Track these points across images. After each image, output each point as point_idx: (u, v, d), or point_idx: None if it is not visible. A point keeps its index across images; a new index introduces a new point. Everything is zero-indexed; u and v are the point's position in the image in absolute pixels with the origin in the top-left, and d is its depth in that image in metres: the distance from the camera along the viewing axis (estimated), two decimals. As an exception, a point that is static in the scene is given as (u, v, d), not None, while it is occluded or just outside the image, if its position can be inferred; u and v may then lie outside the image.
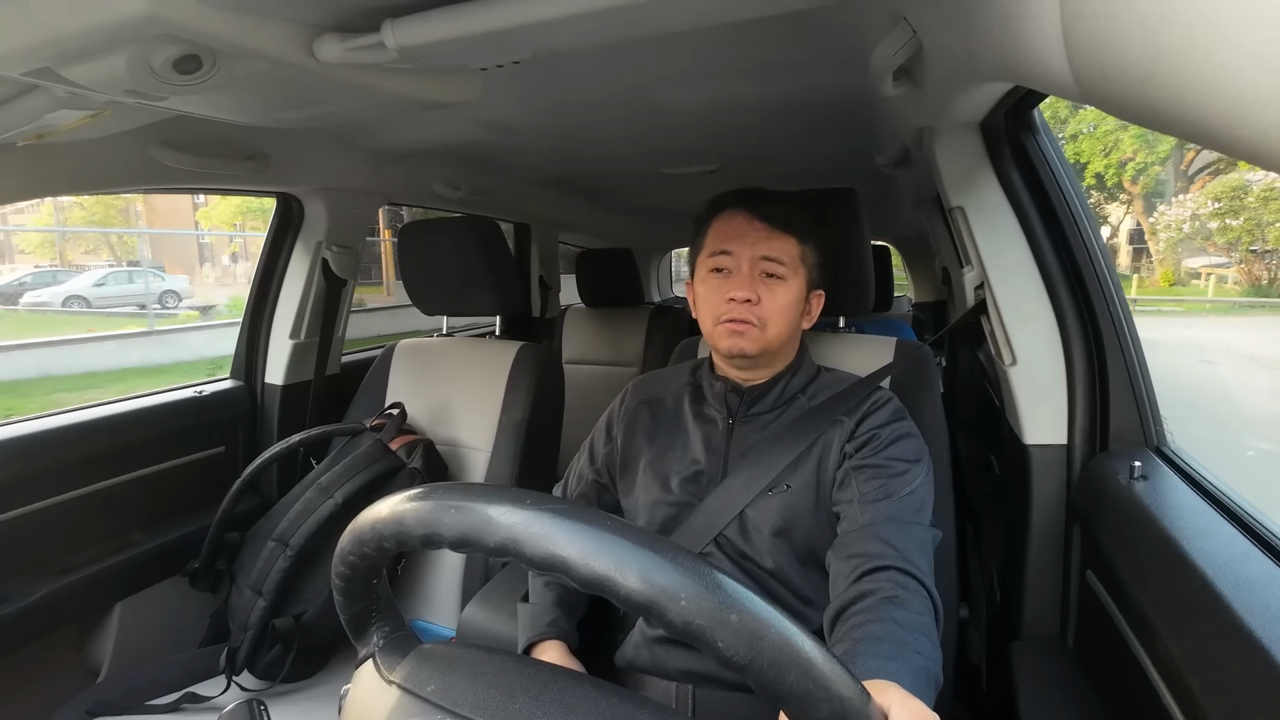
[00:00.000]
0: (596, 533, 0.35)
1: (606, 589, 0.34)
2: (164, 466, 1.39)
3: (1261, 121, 0.29)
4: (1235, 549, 0.64)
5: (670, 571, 0.33)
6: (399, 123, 1.28)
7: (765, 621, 0.34)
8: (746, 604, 0.34)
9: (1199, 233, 5.24)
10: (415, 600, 1.37)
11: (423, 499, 0.39)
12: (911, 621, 0.64)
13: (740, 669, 0.33)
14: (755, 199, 0.88)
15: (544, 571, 0.35)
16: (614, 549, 0.34)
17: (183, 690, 1.14)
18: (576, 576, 0.34)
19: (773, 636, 0.33)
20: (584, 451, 1.02)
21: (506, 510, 0.36)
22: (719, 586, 0.34)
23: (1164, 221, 5.51)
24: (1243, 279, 4.92)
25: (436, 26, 0.72)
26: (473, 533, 0.37)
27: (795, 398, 0.91)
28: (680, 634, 0.33)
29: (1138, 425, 0.94)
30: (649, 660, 0.86)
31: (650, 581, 0.33)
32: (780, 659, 0.33)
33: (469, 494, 0.38)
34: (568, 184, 2.19)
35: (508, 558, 0.36)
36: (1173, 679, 0.61)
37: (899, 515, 0.76)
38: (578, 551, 0.34)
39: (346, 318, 1.72)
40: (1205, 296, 4.73)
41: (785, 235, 0.86)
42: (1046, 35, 0.46)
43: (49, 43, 0.63)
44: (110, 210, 15.82)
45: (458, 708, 0.40)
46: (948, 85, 0.84)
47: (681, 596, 0.33)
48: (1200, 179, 6.76)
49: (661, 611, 0.33)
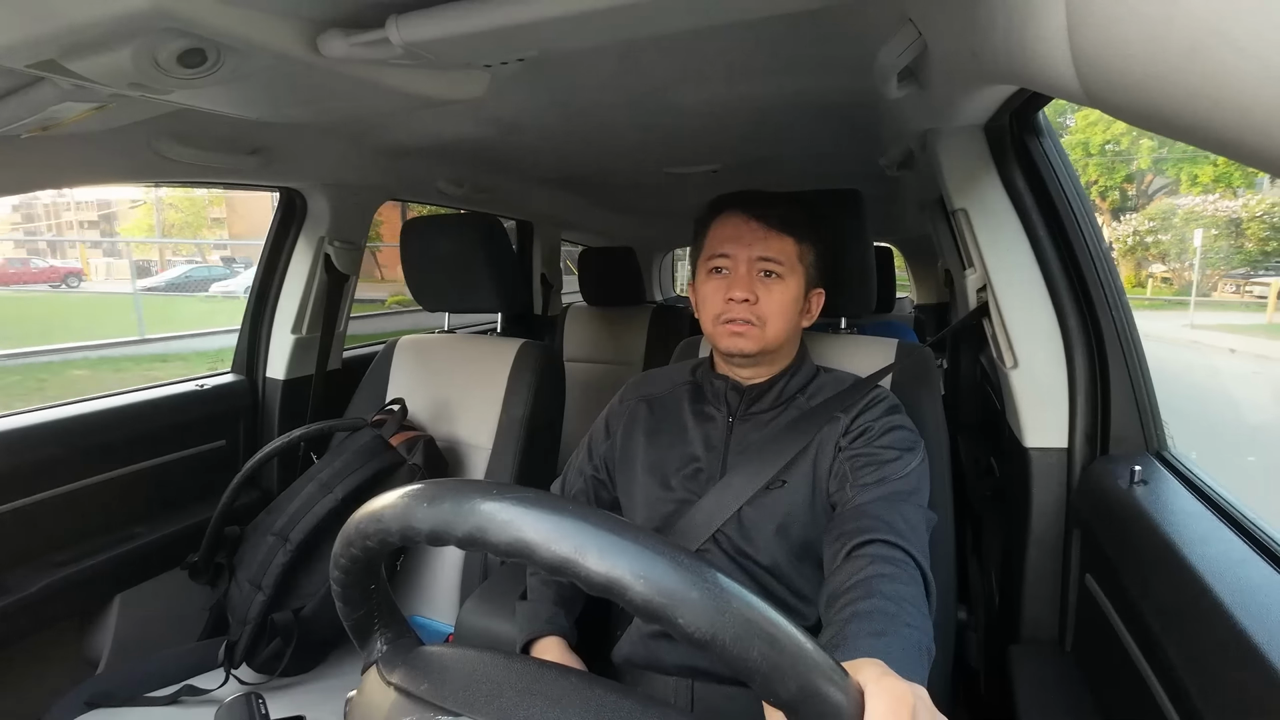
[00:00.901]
0: (560, 518, 0.35)
1: (569, 571, 0.34)
2: (165, 460, 1.39)
3: (1266, 126, 0.29)
4: (1235, 554, 0.63)
5: (631, 551, 0.33)
6: (403, 119, 1.28)
7: (727, 595, 0.33)
8: (709, 579, 0.33)
9: (1139, 245, 6.75)
10: (414, 596, 1.37)
11: (399, 496, 0.40)
12: (899, 593, 0.64)
13: (703, 645, 0.33)
14: (752, 201, 0.89)
15: (511, 558, 0.35)
16: (576, 532, 0.34)
17: (181, 683, 1.15)
18: (540, 561, 0.34)
19: (735, 610, 0.33)
20: (582, 448, 1.03)
21: (474, 501, 0.37)
22: (680, 564, 0.33)
23: (1117, 235, 6.89)
24: (1176, 282, 6.43)
25: (442, 23, 0.72)
26: (442, 525, 0.37)
27: (794, 397, 0.91)
28: (643, 613, 0.33)
29: (1139, 429, 0.94)
30: (646, 655, 0.86)
31: (610, 562, 0.33)
32: (744, 634, 0.33)
33: (440, 488, 0.39)
34: (571, 182, 2.19)
35: (475, 548, 0.36)
36: (1171, 684, 0.61)
37: (891, 495, 0.77)
38: (541, 536, 0.34)
39: (348, 313, 1.72)
40: (1145, 295, 6.14)
41: (782, 235, 0.87)
42: (1052, 38, 0.45)
43: (55, 35, 0.63)
44: (199, 207, 16.40)
45: (446, 704, 0.40)
46: (952, 87, 0.84)
47: (642, 575, 0.33)
48: (1158, 197, 8.14)
49: (622, 590, 0.33)
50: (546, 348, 1.46)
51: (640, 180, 2.15)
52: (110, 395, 1.36)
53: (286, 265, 1.61)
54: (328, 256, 1.59)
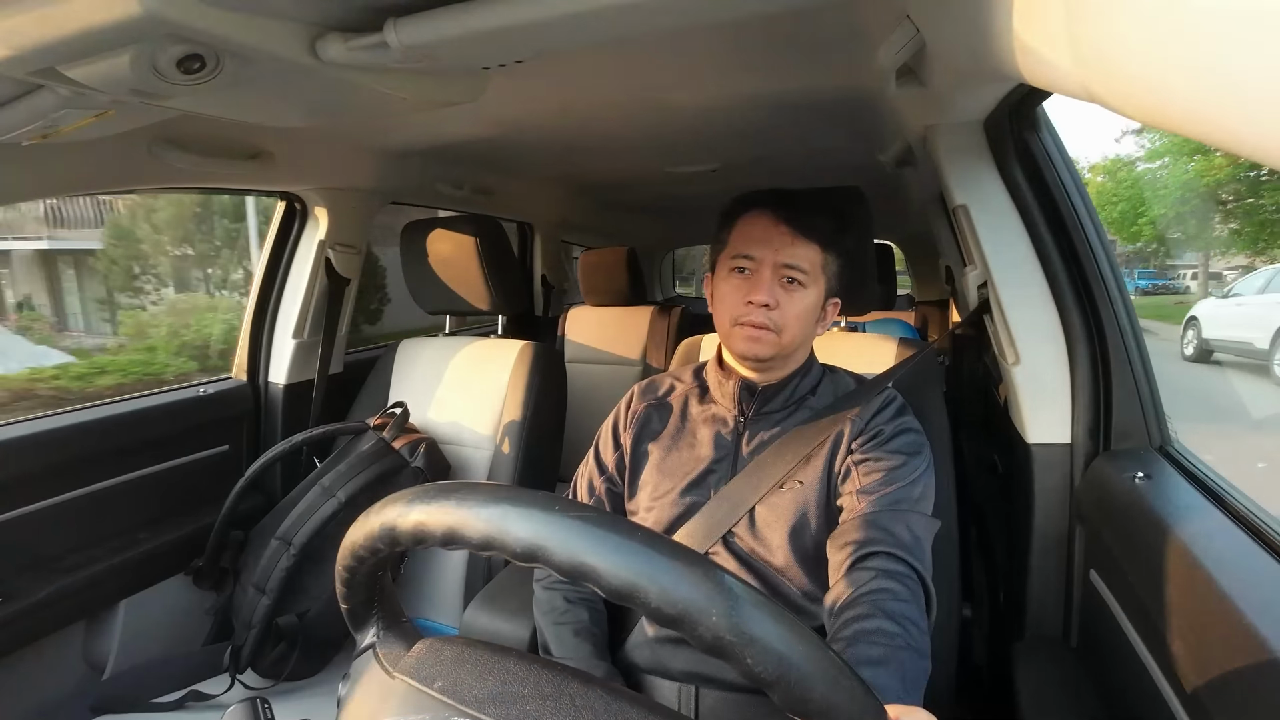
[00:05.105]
0: (624, 540, 0.35)
1: (635, 600, 0.34)
2: (168, 465, 1.39)
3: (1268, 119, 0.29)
4: (1240, 549, 0.63)
5: (705, 587, 0.34)
6: (402, 122, 1.28)
7: (795, 637, 0.34)
8: (779, 619, 0.34)
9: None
10: (418, 598, 1.37)
11: (433, 497, 0.39)
12: (902, 611, 0.66)
13: (768, 686, 0.34)
14: (782, 201, 0.88)
15: (575, 579, 0.35)
16: (647, 562, 0.34)
17: (187, 688, 1.15)
18: (605, 587, 0.34)
19: (802, 652, 0.34)
20: (589, 461, 1.00)
21: (538, 513, 0.36)
22: (758, 603, 0.34)
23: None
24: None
25: (440, 26, 0.72)
26: (496, 533, 0.36)
27: (805, 398, 0.91)
28: (711, 650, 0.34)
29: (1142, 424, 0.94)
30: (651, 660, 0.86)
31: (686, 596, 0.34)
32: (808, 675, 0.34)
33: (494, 494, 0.38)
34: (570, 183, 2.19)
35: (534, 564, 0.36)
36: (1176, 679, 0.60)
37: (896, 504, 0.77)
38: (607, 563, 0.34)
39: (349, 317, 1.72)
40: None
41: (809, 242, 0.86)
42: (1051, 33, 0.45)
43: (53, 43, 0.63)
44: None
45: (466, 706, 0.40)
46: (951, 84, 0.84)
47: (715, 612, 0.33)
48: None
49: (693, 625, 0.33)
50: (548, 349, 1.46)
51: (640, 180, 2.15)
52: (113, 402, 1.36)
53: (287, 270, 1.61)
54: (328, 261, 1.59)
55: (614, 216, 2.90)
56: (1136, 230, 6.68)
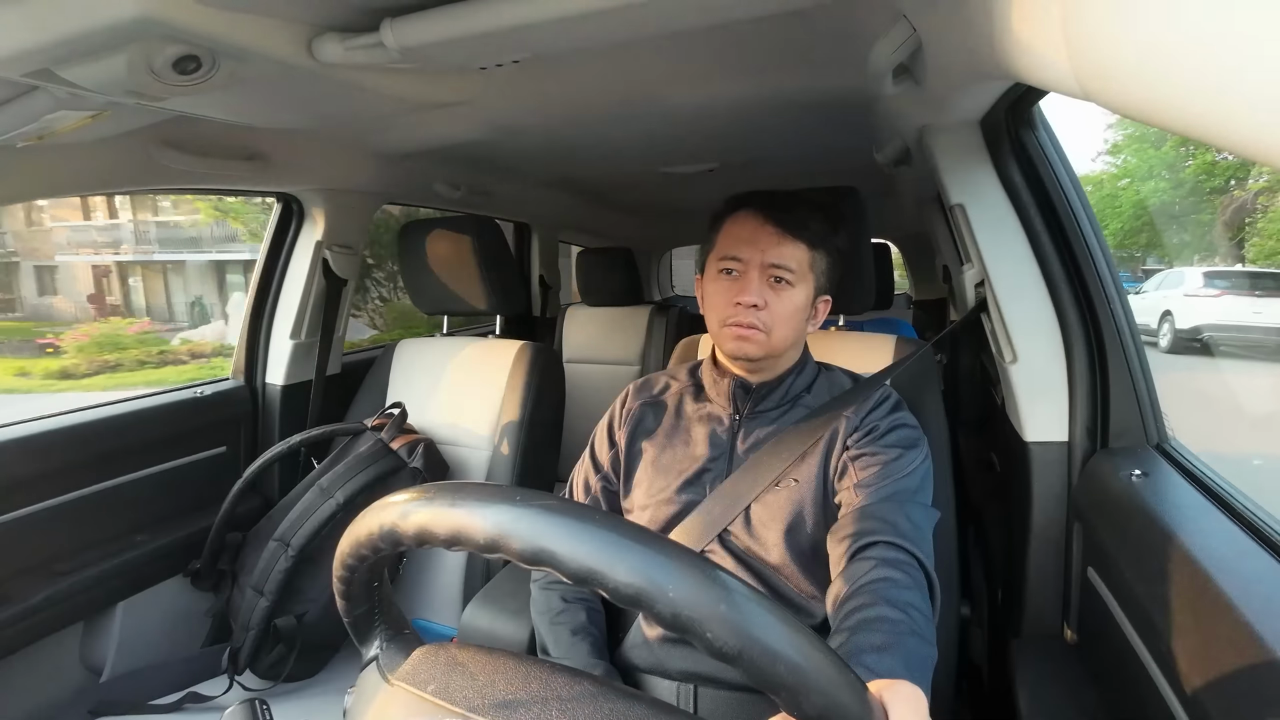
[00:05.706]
0: (585, 526, 0.35)
1: (596, 582, 0.34)
2: (166, 467, 1.39)
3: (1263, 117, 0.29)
4: (1237, 546, 0.64)
5: (659, 563, 0.33)
6: (399, 122, 1.28)
7: (754, 610, 0.33)
8: (736, 594, 0.33)
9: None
10: (417, 599, 1.37)
11: (414, 499, 0.40)
12: (905, 599, 0.65)
13: (731, 660, 0.33)
14: (769, 202, 0.88)
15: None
16: (607, 544, 0.34)
17: (185, 690, 1.15)
18: (565, 569, 0.34)
19: (762, 626, 0.33)
20: (585, 460, 1.01)
21: (501, 505, 0.36)
22: (711, 578, 0.34)
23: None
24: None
25: (436, 26, 0.72)
26: (464, 530, 0.37)
27: (800, 396, 0.91)
28: (670, 626, 0.33)
29: (1139, 422, 0.94)
30: (650, 659, 0.86)
31: (641, 573, 0.33)
32: (771, 649, 0.33)
33: (459, 492, 0.38)
34: (568, 183, 2.18)
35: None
36: (1174, 676, 0.61)
37: (894, 495, 0.77)
38: (567, 549, 0.34)
39: (347, 318, 1.72)
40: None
41: (796, 241, 0.86)
42: (1047, 32, 0.46)
43: (49, 44, 0.63)
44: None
45: (456, 705, 0.40)
46: (947, 83, 0.84)
47: (670, 588, 0.33)
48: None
49: (650, 603, 0.33)
50: (545, 349, 1.46)
51: (637, 180, 2.15)
52: (110, 404, 1.36)
53: (285, 270, 1.61)
54: (325, 261, 1.59)
55: (612, 217, 2.90)
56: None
